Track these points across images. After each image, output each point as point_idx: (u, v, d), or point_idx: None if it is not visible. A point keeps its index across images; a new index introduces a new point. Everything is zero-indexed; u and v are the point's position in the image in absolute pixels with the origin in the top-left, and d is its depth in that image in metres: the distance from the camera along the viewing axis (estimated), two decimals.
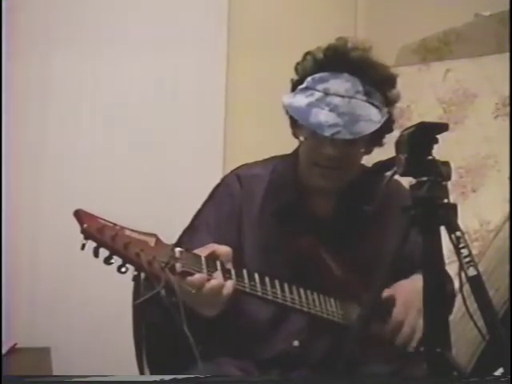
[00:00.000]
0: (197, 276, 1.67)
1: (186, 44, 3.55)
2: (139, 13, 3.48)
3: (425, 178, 1.61)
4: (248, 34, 3.75)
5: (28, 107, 3.24)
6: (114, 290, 2.54)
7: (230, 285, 1.71)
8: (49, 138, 3.28)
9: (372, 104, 1.89)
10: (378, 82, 1.92)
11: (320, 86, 1.88)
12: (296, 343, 1.92)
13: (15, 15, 3.16)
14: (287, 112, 1.94)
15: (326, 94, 1.87)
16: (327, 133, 1.83)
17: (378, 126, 1.87)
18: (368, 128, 1.86)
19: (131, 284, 1.72)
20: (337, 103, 1.85)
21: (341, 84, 1.88)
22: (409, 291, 1.88)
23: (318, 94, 1.88)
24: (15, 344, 2.92)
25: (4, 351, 2.86)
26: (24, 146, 3.22)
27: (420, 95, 3.53)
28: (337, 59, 1.91)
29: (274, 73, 3.56)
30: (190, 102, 3.56)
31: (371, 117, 1.87)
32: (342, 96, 1.86)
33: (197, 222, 1.98)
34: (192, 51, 3.56)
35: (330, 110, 1.84)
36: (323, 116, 1.84)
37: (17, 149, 3.15)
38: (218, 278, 1.70)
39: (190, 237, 1.93)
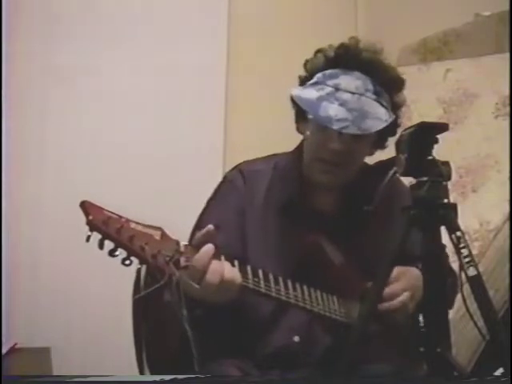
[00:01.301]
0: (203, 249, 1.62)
1: (186, 43, 3.55)
2: (139, 11, 3.48)
3: (425, 178, 1.61)
4: (248, 33, 3.75)
5: (29, 103, 3.24)
6: (113, 290, 2.55)
7: (229, 267, 1.65)
8: (49, 136, 3.28)
9: (381, 104, 1.90)
10: (387, 84, 1.94)
11: (330, 82, 1.90)
12: (296, 338, 1.91)
13: (15, 13, 3.16)
14: (294, 105, 1.95)
15: (337, 89, 1.88)
16: (336, 126, 1.84)
17: (385, 124, 1.88)
18: (376, 125, 1.87)
19: (131, 284, 1.72)
20: (346, 99, 1.86)
21: (351, 81, 1.89)
22: (415, 278, 1.85)
23: (328, 89, 1.89)
24: (15, 344, 2.92)
25: (4, 351, 2.86)
26: (25, 143, 3.21)
27: (420, 95, 3.53)
28: (348, 58, 1.93)
29: (274, 72, 3.57)
30: (190, 101, 3.55)
31: (379, 115, 1.88)
32: (352, 92, 1.88)
33: (204, 221, 1.95)
34: (192, 50, 3.55)
35: (340, 105, 1.85)
36: (333, 110, 1.84)
37: (17, 147, 3.15)
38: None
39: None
